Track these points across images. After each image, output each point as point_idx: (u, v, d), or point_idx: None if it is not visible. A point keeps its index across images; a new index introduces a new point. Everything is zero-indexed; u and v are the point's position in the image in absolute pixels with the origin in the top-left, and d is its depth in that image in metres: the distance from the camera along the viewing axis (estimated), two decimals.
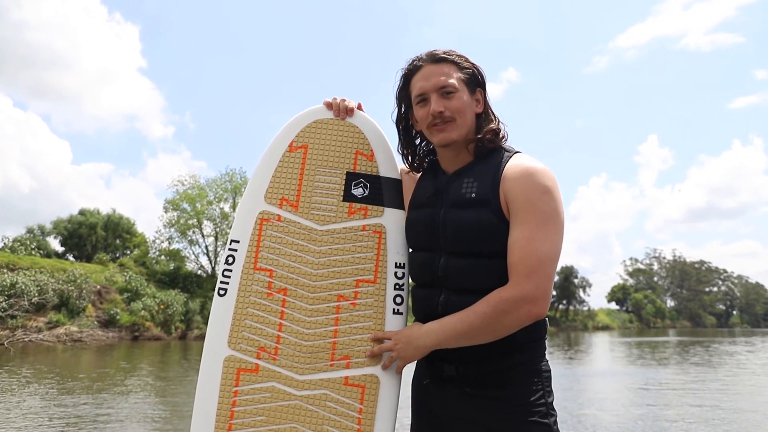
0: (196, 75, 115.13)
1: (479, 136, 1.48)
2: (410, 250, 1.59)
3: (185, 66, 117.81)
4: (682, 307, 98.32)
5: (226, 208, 34.48)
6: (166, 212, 33.78)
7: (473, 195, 1.43)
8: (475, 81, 1.51)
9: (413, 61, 1.52)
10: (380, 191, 1.62)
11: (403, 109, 1.59)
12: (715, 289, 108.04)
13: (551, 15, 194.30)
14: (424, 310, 1.50)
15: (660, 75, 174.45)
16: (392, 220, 1.61)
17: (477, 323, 1.34)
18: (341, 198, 1.62)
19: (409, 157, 1.62)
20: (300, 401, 1.51)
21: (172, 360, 17.05)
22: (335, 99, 1.68)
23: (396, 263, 1.59)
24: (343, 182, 1.63)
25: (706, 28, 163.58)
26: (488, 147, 1.48)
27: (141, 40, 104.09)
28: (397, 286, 1.57)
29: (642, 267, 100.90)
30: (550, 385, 1.46)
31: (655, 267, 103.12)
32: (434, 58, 1.48)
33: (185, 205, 33.64)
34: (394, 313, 1.56)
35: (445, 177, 1.52)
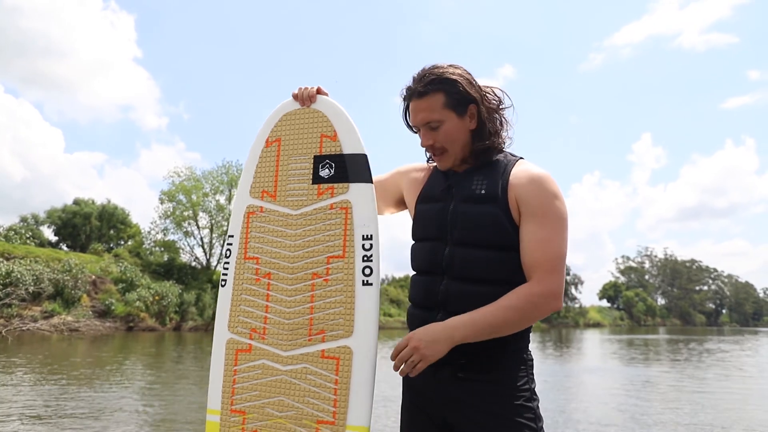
0: (192, 66, 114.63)
1: (473, 150, 1.59)
2: (415, 240, 1.69)
3: (181, 56, 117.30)
4: (673, 305, 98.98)
5: (222, 200, 34.59)
6: (161, 203, 33.87)
7: (483, 191, 1.54)
8: (465, 99, 1.56)
9: (403, 92, 1.61)
10: (345, 168, 1.68)
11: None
12: (706, 287, 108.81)
13: (548, 12, 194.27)
14: (424, 297, 1.60)
15: (655, 73, 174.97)
16: (358, 194, 1.66)
17: (510, 317, 1.43)
18: (311, 181, 1.72)
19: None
20: (285, 375, 1.65)
21: (165, 351, 17.23)
22: (300, 89, 1.75)
23: (363, 235, 1.62)
24: (312, 166, 1.73)
25: (701, 28, 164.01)
26: (487, 157, 1.59)
27: (137, 29, 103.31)
28: (366, 258, 1.61)
29: (634, 265, 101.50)
30: (533, 373, 1.58)
31: (647, 265, 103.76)
32: (418, 94, 1.56)
33: (181, 197, 33.73)
34: (363, 284, 1.60)
35: (456, 174, 1.63)
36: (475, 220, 1.53)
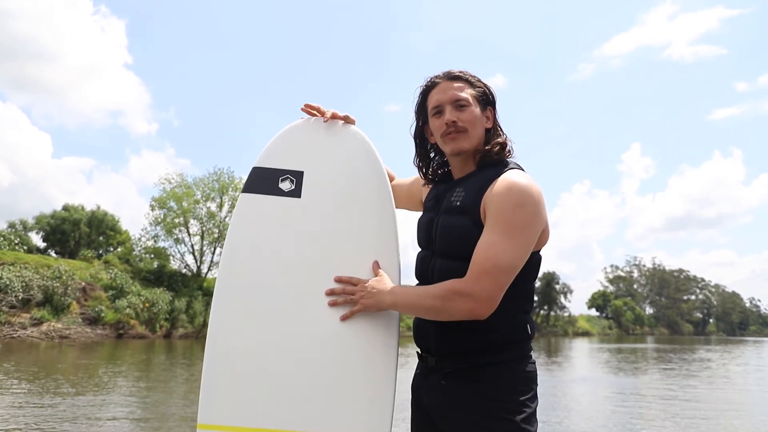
0: (182, 71, 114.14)
1: (487, 147, 1.60)
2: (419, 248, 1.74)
3: (171, 62, 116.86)
4: (661, 314, 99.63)
5: (213, 207, 34.53)
6: (152, 210, 33.72)
7: (458, 203, 1.56)
8: (486, 99, 1.64)
9: (431, 78, 1.65)
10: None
11: (420, 123, 1.71)
12: (693, 297, 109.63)
13: (538, 22, 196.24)
14: None
15: (644, 84, 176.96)
16: None
17: (427, 303, 1.50)
18: None
19: (424, 169, 1.76)
20: None
21: (154, 359, 17.15)
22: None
23: None
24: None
25: (690, 40, 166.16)
26: (494, 159, 1.60)
27: (127, 35, 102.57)
28: None
29: (622, 274, 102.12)
30: (528, 385, 1.52)
31: (635, 274, 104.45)
32: (450, 76, 1.63)
33: (172, 204, 33.61)
34: None
35: (444, 186, 1.66)
36: (450, 231, 1.56)
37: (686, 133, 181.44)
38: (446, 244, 1.57)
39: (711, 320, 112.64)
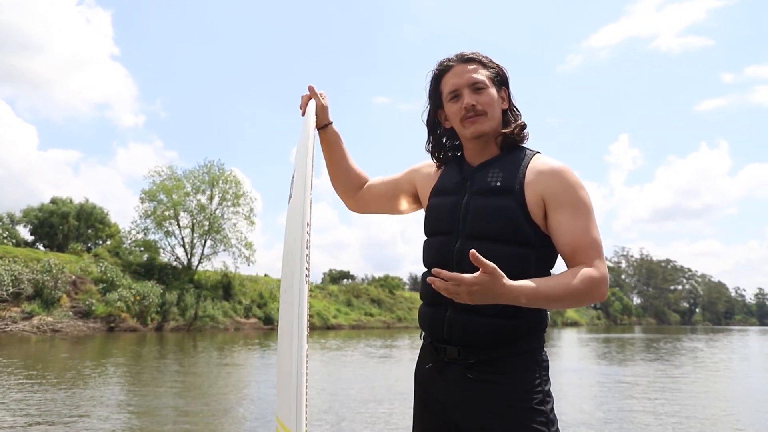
0: (170, 63, 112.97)
1: (508, 130, 1.58)
2: (427, 236, 1.66)
3: (159, 54, 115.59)
4: (648, 304, 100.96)
5: (203, 199, 34.40)
6: (142, 203, 33.53)
7: (498, 183, 1.52)
8: (500, 80, 1.61)
9: (443, 62, 1.62)
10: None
11: (434, 109, 1.69)
12: (680, 287, 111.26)
13: (526, 13, 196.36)
14: (432, 293, 1.50)
15: (632, 75, 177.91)
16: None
17: (571, 295, 1.39)
18: None
19: (437, 153, 1.72)
20: None
21: (146, 352, 17.14)
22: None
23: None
24: None
25: (677, 31, 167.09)
26: (516, 140, 1.59)
27: (113, 26, 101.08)
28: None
29: (610, 265, 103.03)
30: (547, 374, 1.53)
31: (623, 265, 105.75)
32: (463, 58, 1.60)
33: (162, 196, 33.44)
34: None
35: (471, 168, 1.61)
36: (489, 213, 1.50)
37: (673, 124, 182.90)
38: (483, 224, 1.51)
39: (697, 310, 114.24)
